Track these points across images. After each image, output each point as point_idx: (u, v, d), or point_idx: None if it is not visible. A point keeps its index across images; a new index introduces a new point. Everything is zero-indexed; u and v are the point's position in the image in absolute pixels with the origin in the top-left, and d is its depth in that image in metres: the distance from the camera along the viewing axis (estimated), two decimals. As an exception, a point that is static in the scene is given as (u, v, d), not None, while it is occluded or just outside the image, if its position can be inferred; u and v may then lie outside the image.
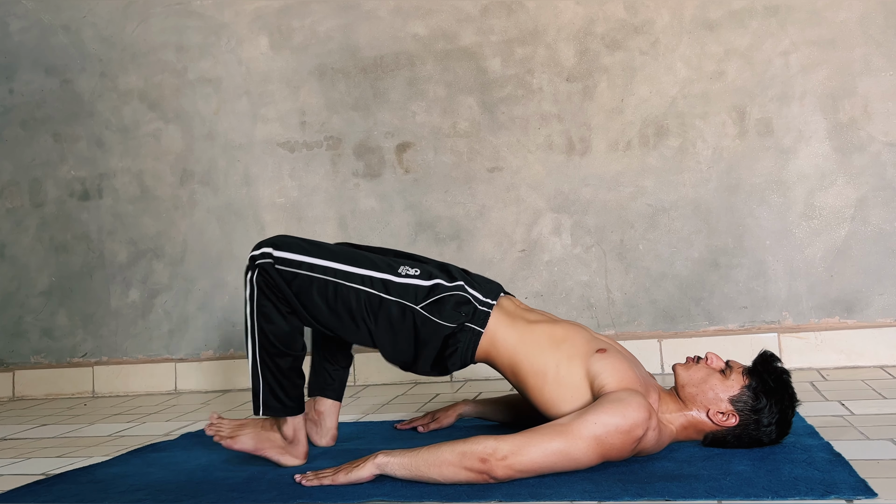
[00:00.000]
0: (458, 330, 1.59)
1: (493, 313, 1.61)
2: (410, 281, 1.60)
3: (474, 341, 1.60)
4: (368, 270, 1.60)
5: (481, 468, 1.36)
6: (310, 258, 1.59)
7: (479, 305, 1.61)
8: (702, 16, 2.62)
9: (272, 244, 1.61)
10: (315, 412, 1.87)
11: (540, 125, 2.74)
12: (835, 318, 2.51)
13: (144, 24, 3.13)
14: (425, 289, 1.59)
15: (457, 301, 1.59)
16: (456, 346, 1.59)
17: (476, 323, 1.60)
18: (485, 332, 1.60)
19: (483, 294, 1.63)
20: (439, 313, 1.58)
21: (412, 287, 1.59)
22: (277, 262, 1.58)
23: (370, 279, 1.59)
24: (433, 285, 1.60)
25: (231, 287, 3.01)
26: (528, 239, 2.75)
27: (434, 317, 1.58)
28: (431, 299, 1.58)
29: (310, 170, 2.95)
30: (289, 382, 1.65)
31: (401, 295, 1.58)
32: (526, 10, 2.76)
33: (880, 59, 2.48)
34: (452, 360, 1.60)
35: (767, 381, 1.50)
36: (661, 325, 2.64)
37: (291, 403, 1.66)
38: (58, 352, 3.20)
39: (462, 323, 1.58)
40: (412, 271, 1.62)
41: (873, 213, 2.48)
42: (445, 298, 1.59)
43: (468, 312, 1.59)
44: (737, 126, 2.58)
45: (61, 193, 3.21)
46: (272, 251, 1.59)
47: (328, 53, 2.94)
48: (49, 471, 1.85)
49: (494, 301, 1.63)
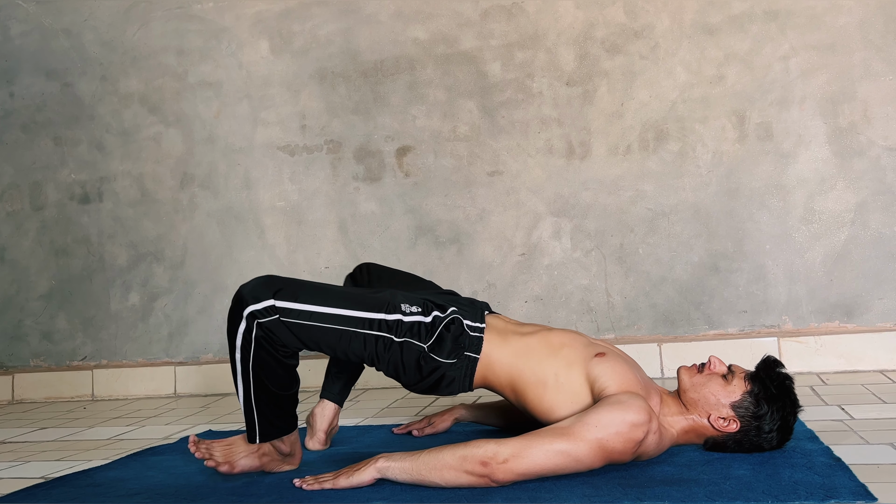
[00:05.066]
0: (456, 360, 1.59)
1: (486, 336, 1.61)
2: (415, 319, 1.58)
3: (471, 368, 1.59)
4: (377, 313, 1.56)
5: (482, 472, 1.36)
6: (316, 307, 1.53)
7: (471, 332, 1.60)
8: (702, 20, 2.62)
9: (273, 293, 1.51)
10: (311, 415, 1.88)
11: (540, 129, 2.74)
12: (835, 323, 2.51)
13: (145, 27, 3.13)
14: (427, 326, 1.58)
15: (454, 335, 1.58)
16: (453, 376, 1.59)
17: (471, 350, 1.59)
18: (480, 358, 1.59)
19: (472, 319, 1.62)
20: (441, 351, 1.57)
21: (416, 325, 1.57)
22: (283, 315, 1.51)
23: (378, 322, 1.56)
24: (433, 320, 1.59)
25: (231, 291, 3.01)
26: (528, 243, 2.75)
27: (437, 356, 1.57)
28: (434, 337, 1.57)
29: (310, 173, 2.96)
30: (284, 411, 1.62)
31: (408, 335, 1.57)
32: (526, 14, 2.76)
33: (880, 63, 2.48)
34: (451, 388, 1.61)
35: (769, 388, 1.49)
36: (660, 329, 2.64)
37: (286, 425, 1.62)
38: (57, 355, 3.20)
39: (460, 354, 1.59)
40: (414, 308, 1.59)
41: (873, 218, 2.48)
42: (444, 334, 1.58)
43: (464, 342, 1.59)
44: (737, 130, 2.59)
45: (61, 197, 3.21)
46: (275, 304, 1.50)
47: (329, 57, 2.94)
48: (48, 474, 1.85)
49: (483, 324, 1.62)
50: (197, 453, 1.60)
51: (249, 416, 1.59)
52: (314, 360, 2.70)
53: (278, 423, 1.61)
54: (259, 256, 3.00)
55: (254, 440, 1.60)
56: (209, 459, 1.60)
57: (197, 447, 1.61)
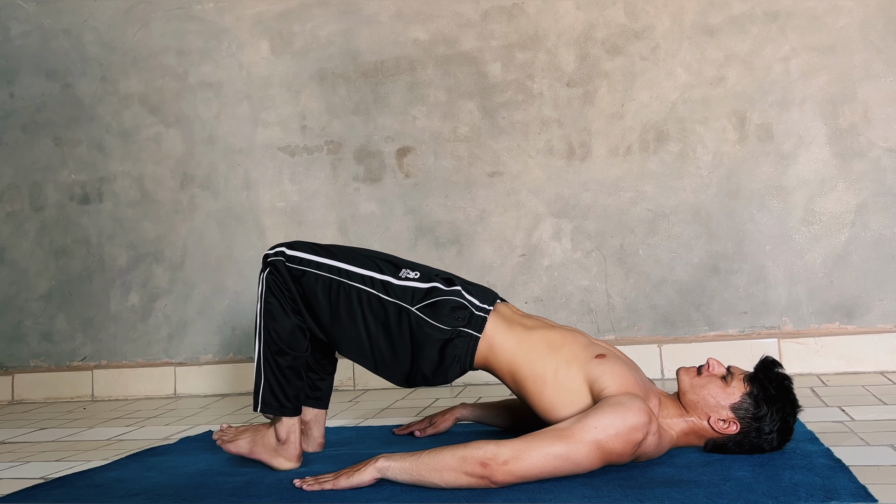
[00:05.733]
0: (455, 336, 1.60)
1: (491, 318, 1.62)
2: (409, 283, 1.64)
3: (472, 346, 1.60)
4: (371, 271, 1.65)
5: (482, 473, 1.36)
6: (319, 258, 1.66)
7: (476, 311, 1.62)
8: (702, 21, 2.62)
9: (286, 244, 1.68)
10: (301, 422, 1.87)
11: (540, 130, 2.74)
12: (835, 324, 2.51)
13: (145, 28, 3.13)
14: (422, 291, 1.62)
15: (452, 306, 1.61)
16: (455, 352, 1.60)
17: (473, 328, 1.61)
18: (482, 337, 1.60)
19: (480, 300, 1.65)
20: (435, 316, 1.60)
21: (410, 289, 1.63)
22: (288, 260, 1.65)
23: (371, 279, 1.63)
24: (430, 288, 1.63)
25: (230, 291, 3.01)
26: (528, 244, 2.75)
27: (429, 318, 1.59)
28: (427, 301, 1.61)
29: (310, 174, 2.96)
30: (287, 382, 1.67)
31: (398, 297, 1.61)
32: (526, 15, 2.76)
33: (880, 64, 2.48)
34: (452, 367, 1.61)
35: (768, 389, 1.49)
36: (660, 330, 2.64)
37: (288, 404, 1.67)
38: (57, 355, 3.20)
39: (458, 328, 1.60)
40: (412, 274, 1.66)
41: (873, 219, 2.48)
42: (441, 302, 1.61)
43: (464, 317, 1.61)
44: (737, 131, 2.59)
45: (61, 197, 3.21)
46: (285, 250, 1.66)
47: (329, 58, 2.94)
48: (48, 475, 1.85)
49: (491, 307, 1.64)
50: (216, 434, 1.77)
51: (257, 379, 1.68)
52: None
53: (279, 394, 1.66)
54: (259, 257, 2.99)
55: (256, 407, 1.69)
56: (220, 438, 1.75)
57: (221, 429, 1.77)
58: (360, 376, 2.84)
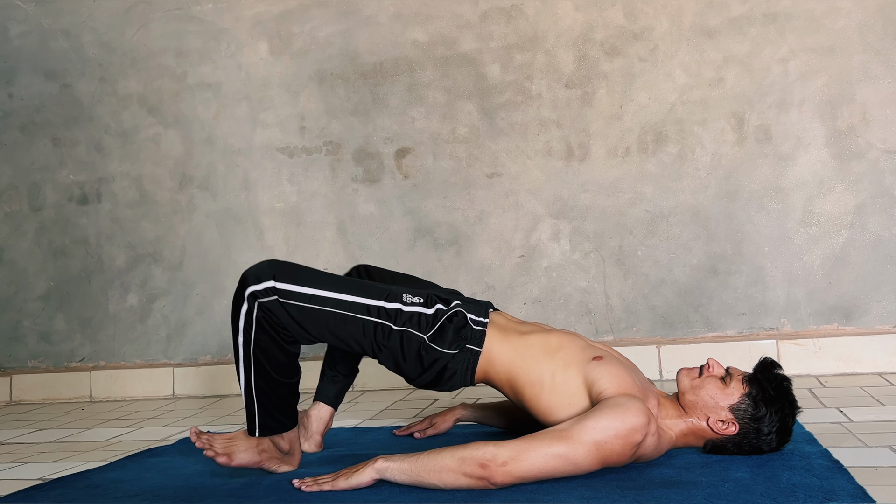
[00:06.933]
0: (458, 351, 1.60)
1: (488, 331, 1.62)
2: (416, 309, 1.59)
3: (473, 361, 1.60)
4: (376, 301, 1.58)
5: (481, 474, 1.36)
6: (315, 290, 1.55)
7: (475, 325, 1.62)
8: (701, 23, 2.62)
9: (273, 276, 1.53)
10: (306, 416, 1.87)
11: (539, 131, 2.75)
12: (833, 325, 2.51)
13: (144, 28, 3.13)
14: (429, 317, 1.59)
15: (456, 326, 1.60)
16: (455, 368, 1.60)
17: (473, 343, 1.60)
18: (483, 352, 1.60)
19: (476, 314, 1.64)
20: (443, 342, 1.58)
21: (416, 315, 1.59)
22: (282, 297, 1.52)
23: (377, 309, 1.57)
24: (435, 312, 1.60)
25: (229, 292, 3.01)
26: (527, 245, 2.75)
27: (438, 346, 1.58)
28: (435, 328, 1.58)
29: (309, 175, 2.95)
30: (285, 403, 1.62)
31: (407, 325, 1.58)
32: (525, 16, 2.76)
33: (879, 66, 2.49)
34: (453, 381, 1.61)
35: (767, 390, 1.49)
36: (659, 331, 2.64)
37: (287, 421, 1.63)
38: (55, 356, 3.20)
39: (462, 346, 1.59)
40: (416, 299, 1.61)
41: (872, 220, 2.49)
42: (446, 325, 1.59)
43: (466, 335, 1.60)
44: (735, 133, 2.59)
45: (60, 198, 3.21)
46: (275, 285, 1.52)
47: (328, 59, 2.94)
48: (46, 476, 1.84)
49: (487, 319, 1.64)
50: (198, 443, 1.59)
51: (250, 406, 1.59)
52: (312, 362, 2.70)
53: (278, 415, 1.61)
54: (258, 258, 2.99)
55: (253, 433, 1.60)
56: (209, 449, 1.59)
57: (198, 437, 1.60)
58: (359, 377, 2.83)
